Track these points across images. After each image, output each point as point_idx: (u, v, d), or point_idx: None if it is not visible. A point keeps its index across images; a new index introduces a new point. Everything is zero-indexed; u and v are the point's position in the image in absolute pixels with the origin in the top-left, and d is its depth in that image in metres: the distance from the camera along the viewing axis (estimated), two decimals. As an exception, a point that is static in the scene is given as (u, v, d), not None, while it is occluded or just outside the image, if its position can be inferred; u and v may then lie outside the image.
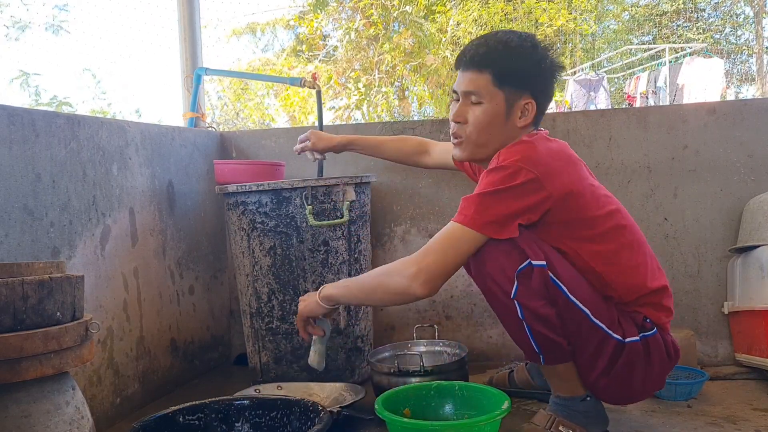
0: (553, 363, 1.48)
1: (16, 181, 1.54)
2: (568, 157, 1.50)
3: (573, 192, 1.42)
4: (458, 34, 9.31)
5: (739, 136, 2.22)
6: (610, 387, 1.48)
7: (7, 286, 1.12)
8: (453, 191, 2.40)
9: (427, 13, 9.76)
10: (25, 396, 1.15)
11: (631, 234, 1.50)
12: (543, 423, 1.53)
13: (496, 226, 1.39)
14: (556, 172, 1.42)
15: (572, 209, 1.43)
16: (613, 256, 1.46)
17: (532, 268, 1.39)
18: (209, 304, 2.45)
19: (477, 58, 1.50)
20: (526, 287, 1.40)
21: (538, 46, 1.51)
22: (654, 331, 1.48)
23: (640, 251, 1.51)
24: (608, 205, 1.49)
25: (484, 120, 1.50)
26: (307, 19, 9.75)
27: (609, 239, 1.47)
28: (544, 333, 1.42)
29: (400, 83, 9.84)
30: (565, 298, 1.41)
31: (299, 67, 9.39)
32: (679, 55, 8.61)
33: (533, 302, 1.40)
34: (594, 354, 1.45)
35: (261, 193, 1.99)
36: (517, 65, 1.48)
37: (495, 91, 1.49)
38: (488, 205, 1.40)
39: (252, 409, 1.57)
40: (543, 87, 1.52)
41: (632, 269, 1.48)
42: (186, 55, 2.74)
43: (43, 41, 9.88)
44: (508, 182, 1.38)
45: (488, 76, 1.48)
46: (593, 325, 1.43)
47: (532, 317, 1.41)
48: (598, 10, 11.72)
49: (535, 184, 1.38)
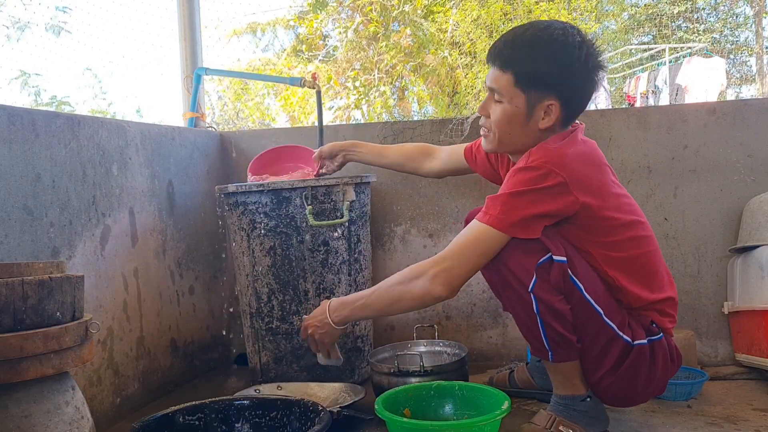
0: (561, 360, 1.48)
1: (16, 181, 1.54)
2: (598, 162, 1.49)
3: (598, 199, 1.42)
4: (457, 34, 9.31)
5: (739, 136, 2.22)
6: (613, 387, 1.49)
7: (7, 286, 1.12)
8: (453, 191, 2.40)
9: (427, 12, 9.75)
10: (25, 396, 1.15)
11: (648, 245, 1.51)
12: (543, 423, 1.53)
13: (522, 226, 1.39)
14: (584, 178, 1.41)
15: (594, 216, 1.43)
16: (627, 264, 1.47)
17: (552, 263, 1.40)
18: (209, 304, 2.45)
19: (502, 57, 1.47)
20: (545, 281, 1.40)
21: (571, 45, 1.43)
22: (660, 336, 1.49)
23: (654, 263, 1.52)
24: (631, 214, 1.49)
25: (504, 119, 1.49)
26: (307, 19, 9.75)
27: (626, 248, 1.47)
28: (556, 328, 1.42)
29: (399, 83, 9.84)
30: (580, 295, 1.42)
31: (299, 67, 9.39)
32: (679, 55, 8.61)
33: (550, 296, 1.41)
34: (601, 353, 1.46)
35: (261, 193, 1.99)
36: (541, 68, 1.43)
37: (516, 92, 1.46)
38: (515, 205, 1.39)
39: (252, 409, 1.57)
40: (572, 89, 1.46)
41: (643, 279, 1.49)
42: (186, 55, 2.74)
43: (44, 41, 9.88)
44: (537, 183, 1.38)
45: (510, 77, 1.45)
46: (605, 325, 1.44)
47: (547, 312, 1.41)
48: (597, 11, 11.71)
49: (563, 188, 1.38)
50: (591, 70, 1.46)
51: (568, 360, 1.48)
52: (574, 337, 1.45)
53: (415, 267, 1.47)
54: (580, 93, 1.49)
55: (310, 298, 2.01)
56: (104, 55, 13.76)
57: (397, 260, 2.44)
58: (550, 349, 1.46)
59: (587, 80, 1.47)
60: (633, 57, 9.96)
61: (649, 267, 1.51)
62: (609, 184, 1.48)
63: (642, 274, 1.49)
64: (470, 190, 2.39)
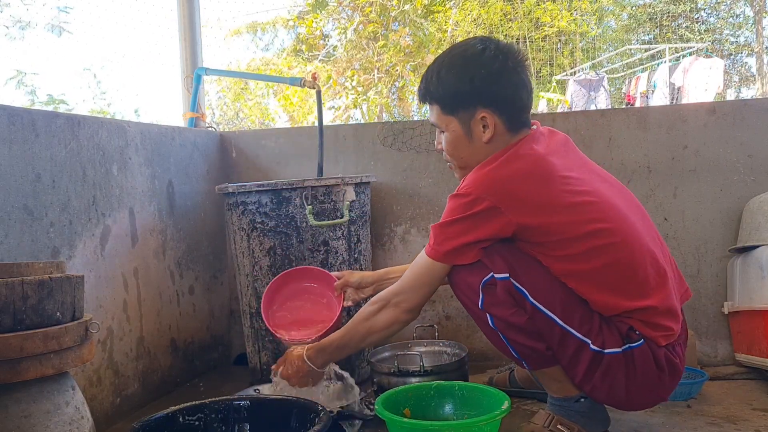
0: (538, 368, 1.49)
1: (16, 181, 1.54)
2: (542, 175, 1.40)
3: (541, 215, 1.38)
4: (457, 34, 9.31)
5: (739, 136, 2.22)
6: (597, 392, 1.46)
7: (7, 286, 1.12)
8: (453, 191, 2.40)
9: (427, 12, 9.76)
10: (25, 396, 1.15)
11: (617, 251, 1.40)
12: (542, 422, 1.53)
13: (455, 254, 1.44)
14: (521, 197, 1.38)
15: (543, 232, 1.39)
16: (591, 275, 1.40)
17: (495, 281, 1.42)
18: (209, 304, 2.45)
19: (422, 93, 1.55)
20: (492, 297, 1.42)
21: (475, 55, 1.46)
22: (641, 342, 1.40)
23: (631, 269, 1.40)
24: (595, 222, 1.39)
25: (451, 147, 1.55)
26: (307, 19, 9.75)
27: (585, 259, 1.39)
28: (519, 340, 1.44)
29: (399, 83, 9.84)
30: (532, 306, 1.41)
31: (299, 67, 9.39)
32: (679, 55, 8.61)
33: (502, 311, 1.42)
34: (572, 361, 1.43)
35: (261, 193, 1.99)
36: (453, 90, 1.48)
37: (447, 119, 1.51)
38: (447, 235, 1.43)
39: (252, 410, 1.57)
40: (494, 93, 1.45)
41: (616, 287, 1.40)
42: (186, 55, 2.74)
43: (43, 41, 9.89)
44: (466, 211, 1.40)
45: (437, 107, 1.53)
46: (565, 332, 1.40)
47: (504, 326, 1.43)
48: (598, 12, 11.72)
49: (494, 212, 1.38)
50: (507, 68, 1.46)
51: (544, 367, 1.48)
52: (542, 344, 1.43)
53: (375, 300, 1.58)
54: (504, 93, 1.46)
55: (310, 298, 2.01)
56: (104, 55, 13.78)
57: (397, 260, 2.44)
58: (521, 358, 1.47)
59: (506, 78, 1.46)
60: (633, 57, 9.97)
61: (622, 274, 1.40)
62: (558, 195, 1.39)
63: (613, 282, 1.40)
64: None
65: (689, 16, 12.44)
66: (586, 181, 1.45)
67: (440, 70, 1.50)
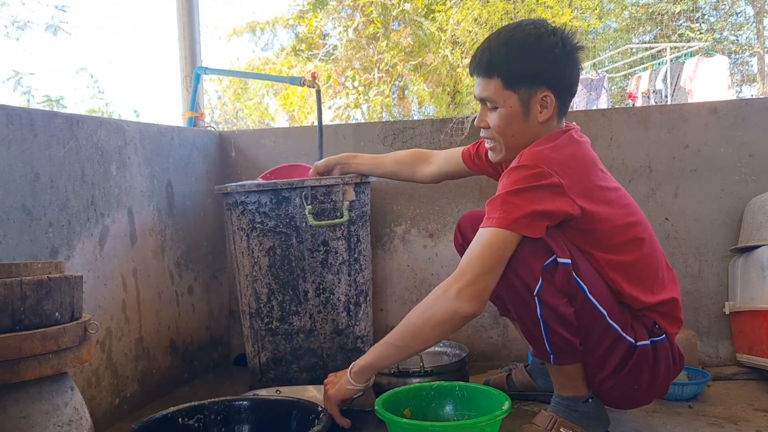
0: (563, 363, 1.47)
1: (15, 180, 1.53)
2: (589, 164, 1.47)
3: (592, 201, 1.41)
4: (458, 33, 9.30)
5: (740, 136, 2.22)
6: (616, 389, 1.48)
7: (6, 286, 1.12)
8: (453, 191, 2.40)
9: (427, 12, 9.75)
10: (23, 397, 1.14)
11: (647, 247, 1.49)
12: (544, 424, 1.53)
13: (525, 223, 1.35)
14: (577, 180, 1.40)
15: (591, 219, 1.41)
16: (626, 267, 1.46)
17: (557, 265, 1.38)
18: (208, 305, 2.45)
19: (483, 65, 1.50)
20: (550, 284, 1.39)
21: (545, 36, 1.46)
22: (663, 337, 1.48)
23: (654, 265, 1.50)
24: (629, 216, 1.48)
25: (503, 123, 1.50)
26: (307, 18, 9.75)
27: (625, 251, 1.45)
28: (559, 332, 1.41)
29: (399, 82, 9.84)
30: (584, 298, 1.41)
31: (299, 67, 9.39)
32: (681, 54, 8.59)
33: (554, 300, 1.39)
34: (605, 355, 1.45)
35: (260, 193, 1.98)
36: (523, 65, 1.46)
37: (507, 94, 1.48)
38: (515, 202, 1.36)
39: (251, 411, 1.57)
40: (558, 76, 1.48)
41: (643, 282, 1.47)
42: (185, 55, 2.74)
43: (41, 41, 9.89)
44: (533, 182, 1.36)
45: (497, 81, 1.48)
46: (608, 326, 1.43)
47: (551, 315, 1.40)
48: (599, 10, 11.71)
49: (558, 188, 1.37)
50: (570, 51, 1.48)
51: (570, 363, 1.47)
52: (577, 339, 1.44)
53: (435, 291, 1.41)
54: (567, 76, 1.50)
55: (310, 298, 2.00)
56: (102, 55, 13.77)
57: (397, 260, 2.44)
58: (552, 352, 1.45)
59: (570, 62, 1.49)
60: (634, 56, 9.96)
61: (648, 269, 1.49)
62: (604, 186, 1.46)
63: (641, 277, 1.47)
64: (470, 191, 2.38)
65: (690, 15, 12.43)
66: (610, 178, 1.53)
67: (510, 44, 1.47)
